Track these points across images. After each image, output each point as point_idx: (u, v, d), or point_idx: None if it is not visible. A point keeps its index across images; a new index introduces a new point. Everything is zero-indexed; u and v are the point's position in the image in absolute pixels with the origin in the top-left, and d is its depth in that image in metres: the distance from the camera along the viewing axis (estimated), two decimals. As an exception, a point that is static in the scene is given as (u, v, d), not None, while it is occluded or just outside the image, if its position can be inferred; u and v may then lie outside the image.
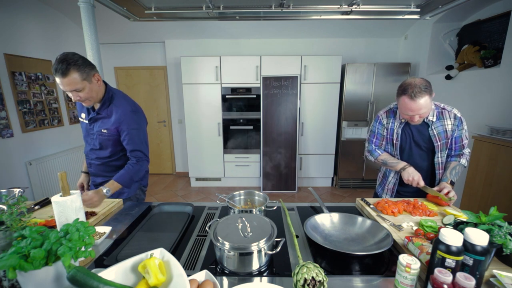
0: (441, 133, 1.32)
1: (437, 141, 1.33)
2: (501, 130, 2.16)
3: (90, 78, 1.23)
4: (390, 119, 1.44)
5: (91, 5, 1.87)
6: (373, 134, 1.52)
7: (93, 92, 1.26)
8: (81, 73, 1.18)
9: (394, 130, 1.41)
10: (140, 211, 1.30)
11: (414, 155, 1.41)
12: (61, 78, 1.14)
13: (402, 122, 1.39)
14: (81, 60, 1.19)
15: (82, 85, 1.20)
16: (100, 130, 1.37)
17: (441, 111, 1.33)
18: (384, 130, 1.47)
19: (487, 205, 2.14)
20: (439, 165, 1.38)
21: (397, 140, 1.41)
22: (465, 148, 1.37)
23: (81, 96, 1.22)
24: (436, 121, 1.32)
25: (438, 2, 1.55)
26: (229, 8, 1.67)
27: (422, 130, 1.36)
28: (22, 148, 2.81)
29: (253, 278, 0.81)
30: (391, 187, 1.52)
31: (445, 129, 1.32)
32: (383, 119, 1.47)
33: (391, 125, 1.43)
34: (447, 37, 3.23)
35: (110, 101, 1.36)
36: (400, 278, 0.71)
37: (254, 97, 3.65)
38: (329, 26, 3.59)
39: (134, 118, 1.37)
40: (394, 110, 1.43)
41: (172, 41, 4.00)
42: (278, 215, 1.24)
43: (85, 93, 1.22)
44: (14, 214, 0.76)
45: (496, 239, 0.80)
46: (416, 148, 1.39)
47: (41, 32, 3.06)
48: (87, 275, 0.60)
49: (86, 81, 1.21)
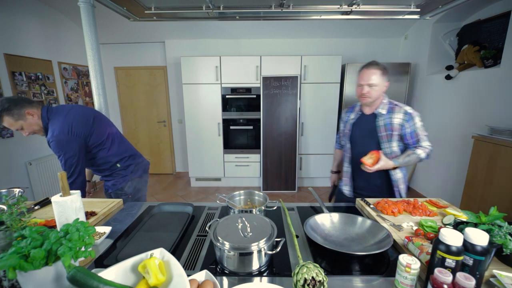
0: (387, 124, 1.39)
1: (380, 132, 1.40)
2: (501, 130, 2.16)
3: (23, 116, 1.32)
4: (348, 114, 1.59)
5: (91, 5, 1.87)
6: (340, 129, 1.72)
7: (32, 126, 1.36)
8: (10, 117, 1.29)
9: (348, 122, 1.55)
10: (140, 211, 1.30)
11: (364, 146, 1.45)
12: None
13: (357, 114, 1.51)
14: (8, 104, 1.28)
15: (19, 125, 1.32)
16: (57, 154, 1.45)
17: (393, 107, 1.41)
18: (342, 124, 1.64)
19: (487, 205, 2.13)
20: (389, 155, 1.41)
21: (349, 130, 1.53)
22: (422, 142, 1.37)
23: (27, 132, 1.35)
24: (385, 114, 1.40)
25: (438, 2, 1.55)
26: (229, 8, 1.67)
27: (370, 122, 1.45)
28: (22, 148, 2.81)
29: (253, 278, 0.81)
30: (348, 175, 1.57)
31: (391, 122, 1.38)
32: (344, 114, 1.63)
33: (347, 118, 1.58)
34: (447, 37, 3.23)
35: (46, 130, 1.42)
36: (400, 278, 0.71)
37: (254, 97, 3.65)
38: (329, 26, 3.59)
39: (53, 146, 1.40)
40: (353, 106, 1.58)
41: (172, 41, 4.00)
42: (278, 215, 1.24)
43: (26, 129, 1.34)
44: (14, 214, 0.76)
45: (496, 239, 0.80)
46: (366, 140, 1.47)
47: (41, 32, 3.06)
48: (87, 275, 0.60)
49: (21, 120, 1.32)
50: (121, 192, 1.63)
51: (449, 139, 3.03)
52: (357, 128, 1.50)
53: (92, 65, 1.95)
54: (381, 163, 1.28)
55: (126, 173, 1.65)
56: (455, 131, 2.94)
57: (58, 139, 1.38)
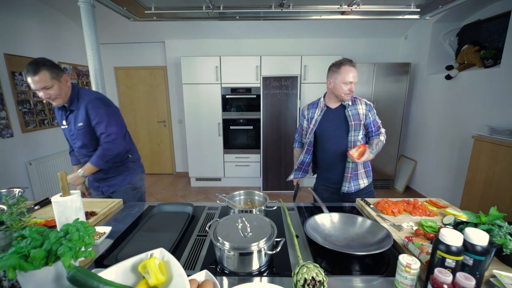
0: (355, 115, 1.49)
1: (351, 121, 1.48)
2: (501, 130, 2.16)
3: (59, 78, 1.34)
4: (311, 110, 1.62)
5: (91, 5, 1.87)
6: (299, 125, 1.76)
7: (62, 91, 1.36)
8: (51, 72, 1.30)
9: (314, 118, 1.58)
10: (140, 211, 1.30)
11: (332, 137, 1.55)
12: (32, 76, 1.26)
13: (322, 110, 1.55)
14: (50, 62, 1.32)
15: (52, 83, 1.30)
16: (77, 125, 1.44)
17: (354, 99, 1.53)
18: (305, 121, 1.65)
19: (487, 205, 2.14)
20: (352, 143, 1.50)
21: (314, 126, 1.57)
22: (381, 129, 1.56)
23: (50, 94, 1.32)
24: (351, 105, 1.51)
25: (438, 2, 1.55)
26: (229, 8, 1.67)
27: (339, 113, 1.53)
28: (22, 148, 2.81)
29: (253, 278, 0.81)
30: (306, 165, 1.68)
31: (357, 112, 1.50)
32: (305, 111, 1.65)
33: (311, 114, 1.60)
34: (447, 37, 3.23)
35: (78, 96, 1.44)
36: (400, 278, 0.71)
37: (254, 97, 3.65)
38: (329, 26, 3.59)
39: (99, 103, 1.44)
40: (315, 102, 1.62)
41: (172, 41, 4.00)
42: (278, 215, 1.24)
43: (54, 90, 1.32)
44: (14, 214, 0.76)
45: (496, 239, 0.80)
46: (336, 131, 1.54)
47: (41, 32, 3.06)
48: (87, 275, 0.60)
49: (56, 80, 1.32)
50: (131, 186, 1.61)
51: (449, 139, 3.03)
52: (326, 122, 1.55)
53: (92, 65, 1.95)
54: (366, 155, 1.38)
55: (135, 166, 1.65)
56: (455, 131, 2.94)
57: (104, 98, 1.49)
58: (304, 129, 1.68)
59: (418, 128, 3.61)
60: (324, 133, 1.56)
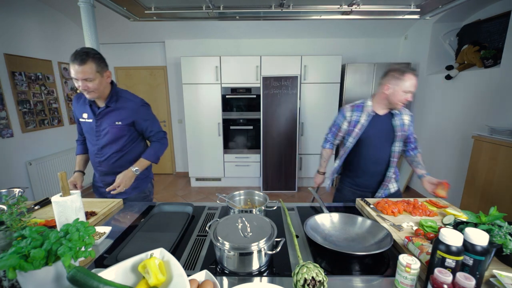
0: (401, 125, 1.46)
1: (398, 131, 1.45)
2: (501, 130, 2.16)
3: (103, 72, 1.32)
4: (355, 112, 1.52)
5: (91, 5, 1.87)
6: (334, 125, 1.64)
7: (101, 85, 1.33)
8: (97, 65, 1.27)
9: (360, 122, 1.49)
10: (140, 211, 1.30)
11: (376, 145, 1.50)
12: (78, 65, 1.22)
13: (370, 115, 1.47)
14: (99, 55, 1.32)
15: (95, 76, 1.27)
16: (114, 123, 1.41)
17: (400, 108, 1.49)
18: (345, 122, 1.55)
19: (487, 205, 2.14)
20: (394, 154, 1.49)
21: (360, 130, 1.49)
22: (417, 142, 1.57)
23: (89, 87, 1.27)
24: (399, 114, 1.47)
25: (438, 2, 1.55)
26: (229, 8, 1.67)
27: (387, 121, 1.48)
28: (22, 148, 2.81)
29: (253, 278, 0.81)
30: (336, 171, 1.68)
31: (403, 123, 1.47)
32: (346, 112, 1.55)
33: (355, 117, 1.51)
34: (447, 37, 3.23)
35: (117, 95, 1.43)
36: (400, 278, 0.71)
37: (254, 97, 3.65)
38: (329, 26, 3.59)
39: (147, 110, 1.49)
40: (360, 105, 1.53)
41: (172, 41, 4.00)
42: (278, 215, 1.24)
43: (94, 84, 1.28)
44: (14, 214, 0.76)
45: (496, 239, 0.80)
46: (380, 140, 1.49)
47: (41, 32, 3.06)
48: (87, 275, 0.60)
49: (99, 73, 1.29)
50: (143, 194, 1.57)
51: (449, 139, 3.03)
52: (371, 129, 1.47)
53: (92, 65, 1.95)
54: None
55: (148, 173, 1.61)
56: (455, 131, 2.95)
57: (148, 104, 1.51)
58: (342, 131, 1.58)
59: (418, 128, 3.61)
60: (369, 140, 1.49)
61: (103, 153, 1.46)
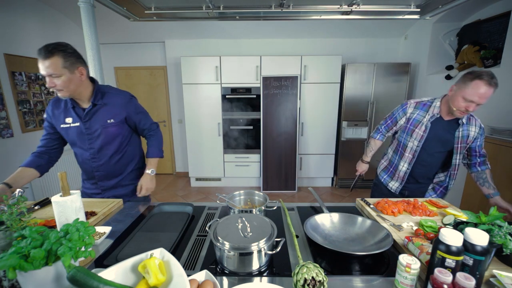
0: (464, 136, 1.35)
1: (458, 143, 1.35)
2: (501, 130, 2.16)
3: (73, 69, 1.18)
4: (418, 110, 1.43)
5: (91, 5, 1.87)
6: (390, 117, 1.55)
7: (71, 83, 1.19)
8: (64, 60, 1.14)
9: (422, 123, 1.40)
10: (140, 211, 1.30)
11: (432, 151, 1.41)
12: (42, 59, 1.12)
13: (433, 116, 1.37)
14: (70, 49, 1.17)
15: (61, 72, 1.14)
16: (106, 122, 1.33)
17: (470, 117, 1.36)
18: (404, 118, 1.47)
19: (487, 205, 2.13)
20: (456, 166, 1.40)
21: (425, 132, 1.39)
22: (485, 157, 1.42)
23: (56, 84, 1.16)
24: (465, 124, 1.35)
25: (438, 2, 1.55)
26: (229, 8, 1.67)
27: (449, 129, 1.36)
28: (22, 148, 2.81)
29: (253, 278, 0.81)
30: (402, 175, 1.53)
31: (468, 134, 1.35)
32: (408, 108, 1.46)
33: (417, 116, 1.42)
34: (447, 37, 3.23)
35: (101, 92, 1.33)
36: (400, 278, 0.71)
37: (254, 97, 3.65)
38: (329, 26, 3.59)
39: (136, 102, 1.44)
40: (427, 104, 1.42)
41: (172, 41, 4.00)
42: (278, 215, 1.24)
43: (61, 81, 1.16)
44: (14, 214, 0.76)
45: (496, 239, 0.80)
46: (437, 145, 1.40)
47: (41, 32, 3.06)
48: (87, 275, 0.60)
49: (67, 69, 1.16)
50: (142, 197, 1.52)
51: (449, 139, 3.03)
52: (431, 132, 1.38)
53: (92, 65, 1.95)
54: None
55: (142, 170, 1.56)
56: (455, 131, 2.94)
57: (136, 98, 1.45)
58: (397, 126, 1.50)
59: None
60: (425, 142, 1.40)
61: (101, 156, 1.38)
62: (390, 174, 1.60)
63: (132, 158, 1.49)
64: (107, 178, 1.44)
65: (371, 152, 1.66)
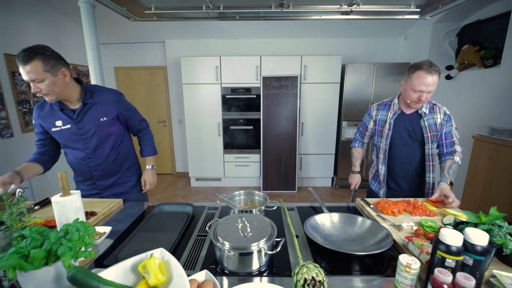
0: (431, 125, 1.39)
1: (427, 132, 1.39)
2: (501, 130, 2.16)
3: (55, 71, 1.16)
4: (381, 111, 1.50)
5: (91, 5, 1.87)
6: (361, 124, 1.65)
7: (56, 86, 1.17)
8: (44, 64, 1.11)
9: (386, 121, 1.47)
10: (140, 211, 1.30)
11: (404, 147, 1.45)
12: (22, 65, 1.09)
13: (395, 113, 1.44)
14: (47, 52, 1.14)
15: (43, 76, 1.12)
16: (98, 120, 1.33)
17: (433, 106, 1.41)
18: (371, 121, 1.55)
19: (487, 205, 2.14)
20: (430, 157, 1.42)
21: (389, 130, 1.45)
22: (456, 145, 1.41)
23: (41, 88, 1.14)
24: (428, 113, 1.39)
25: (438, 2, 1.55)
26: (229, 8, 1.67)
27: (414, 121, 1.41)
28: (22, 148, 2.81)
29: (253, 278, 0.81)
30: (382, 178, 1.57)
31: (435, 122, 1.39)
32: (372, 111, 1.54)
33: (381, 116, 1.49)
34: (447, 37, 3.23)
35: (90, 91, 1.32)
36: (400, 278, 0.71)
37: (254, 97, 3.65)
38: (329, 26, 3.59)
39: (125, 99, 1.48)
40: (387, 103, 1.50)
41: (172, 41, 4.00)
42: (278, 215, 1.24)
43: (45, 85, 1.14)
44: (14, 214, 0.76)
45: (496, 239, 0.80)
46: (406, 139, 1.44)
47: (41, 32, 3.06)
48: (87, 275, 0.60)
49: (49, 73, 1.13)
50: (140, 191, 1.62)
51: (449, 139, 3.03)
52: (396, 128, 1.43)
53: (92, 65, 1.95)
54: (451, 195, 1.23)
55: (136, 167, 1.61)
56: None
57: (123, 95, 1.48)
58: (368, 130, 1.58)
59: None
60: (393, 139, 1.45)
61: (97, 156, 1.38)
62: (378, 180, 1.62)
63: (127, 155, 1.52)
64: (105, 177, 1.45)
65: (357, 161, 1.69)
